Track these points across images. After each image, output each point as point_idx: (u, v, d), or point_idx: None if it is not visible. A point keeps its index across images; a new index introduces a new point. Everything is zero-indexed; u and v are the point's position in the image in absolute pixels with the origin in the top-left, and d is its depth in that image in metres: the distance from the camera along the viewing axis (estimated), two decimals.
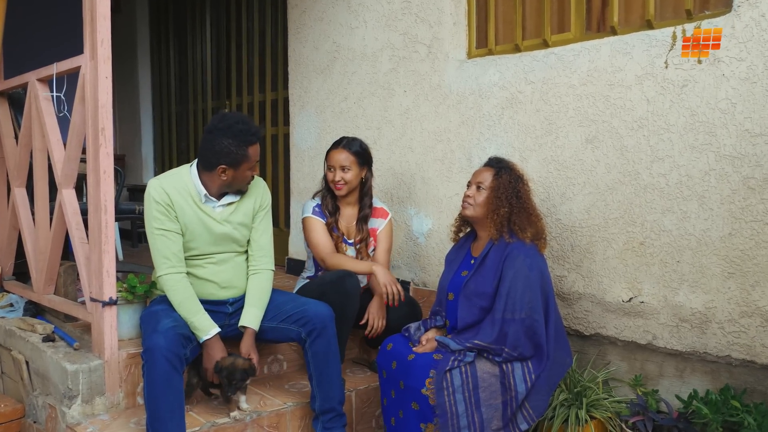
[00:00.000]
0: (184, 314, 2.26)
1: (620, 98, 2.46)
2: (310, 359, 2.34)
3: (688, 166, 2.30)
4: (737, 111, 2.18)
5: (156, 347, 2.10)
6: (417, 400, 2.17)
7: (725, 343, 2.25)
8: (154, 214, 2.28)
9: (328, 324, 2.32)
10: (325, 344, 2.32)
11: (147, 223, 2.31)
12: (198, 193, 2.33)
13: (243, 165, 2.29)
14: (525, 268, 2.21)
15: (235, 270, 2.45)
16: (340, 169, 2.74)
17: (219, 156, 2.26)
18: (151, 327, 2.19)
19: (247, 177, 2.34)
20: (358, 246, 2.82)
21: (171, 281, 2.28)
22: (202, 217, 2.33)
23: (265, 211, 2.50)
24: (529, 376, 2.17)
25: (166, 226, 2.28)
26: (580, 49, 2.57)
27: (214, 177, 2.30)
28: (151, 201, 2.29)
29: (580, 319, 2.64)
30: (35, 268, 2.89)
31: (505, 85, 2.83)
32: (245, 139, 2.26)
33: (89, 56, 2.38)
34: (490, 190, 2.31)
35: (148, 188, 2.31)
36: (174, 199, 2.29)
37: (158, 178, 2.35)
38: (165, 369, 2.08)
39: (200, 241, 2.35)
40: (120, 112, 6.33)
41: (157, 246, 2.29)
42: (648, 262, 2.42)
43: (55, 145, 2.68)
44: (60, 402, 2.37)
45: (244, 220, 2.43)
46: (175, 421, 2.08)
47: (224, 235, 2.39)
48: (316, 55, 3.74)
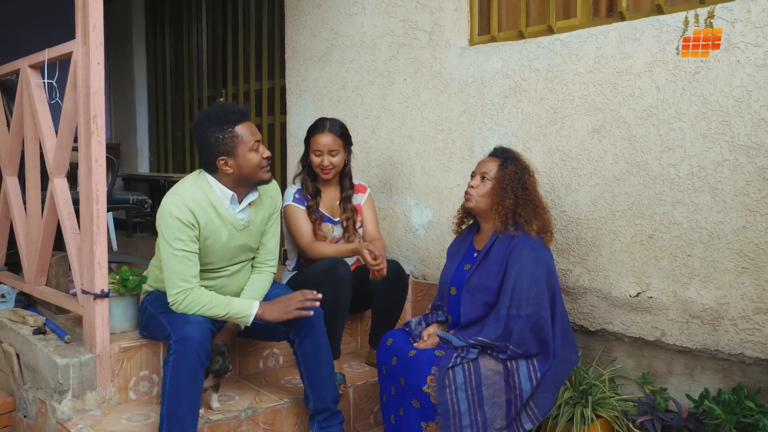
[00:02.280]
0: (218, 313, 2.14)
1: (629, 86, 2.36)
2: (300, 359, 2.26)
3: (700, 157, 2.21)
4: (752, 99, 2.09)
5: (190, 339, 2.02)
6: (418, 397, 2.09)
7: (738, 340, 2.17)
8: (177, 234, 2.10)
9: (316, 322, 2.24)
10: (314, 343, 2.23)
11: (166, 242, 2.12)
12: (219, 198, 2.19)
13: (239, 148, 2.14)
14: (531, 263, 2.12)
15: (245, 278, 2.39)
16: (328, 153, 2.68)
17: (211, 149, 2.15)
18: (180, 317, 2.10)
19: (254, 161, 2.16)
20: (345, 224, 2.79)
21: (189, 298, 2.12)
22: (222, 233, 2.21)
23: (277, 214, 2.43)
24: (535, 374, 2.09)
25: (189, 248, 2.13)
26: (587, 35, 2.48)
27: (222, 175, 2.19)
28: (173, 220, 2.10)
29: (586, 315, 2.56)
30: (27, 259, 2.83)
31: (508, 72, 2.74)
32: (227, 119, 2.14)
33: (81, 41, 2.30)
34: (495, 181, 2.22)
35: (167, 206, 2.13)
36: (199, 217, 2.14)
37: (178, 193, 2.15)
38: (194, 363, 2.01)
39: (217, 257, 2.25)
40: (115, 100, 6.24)
41: (178, 269, 2.11)
42: (657, 256, 2.34)
43: (46, 133, 2.62)
44: (50, 397, 2.31)
45: (261, 228, 2.36)
46: (193, 419, 2.02)
47: (242, 247, 2.31)
48: (314, 43, 3.64)
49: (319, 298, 2.17)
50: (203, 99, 5.11)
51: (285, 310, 2.16)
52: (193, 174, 2.28)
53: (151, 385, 2.43)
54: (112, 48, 6.24)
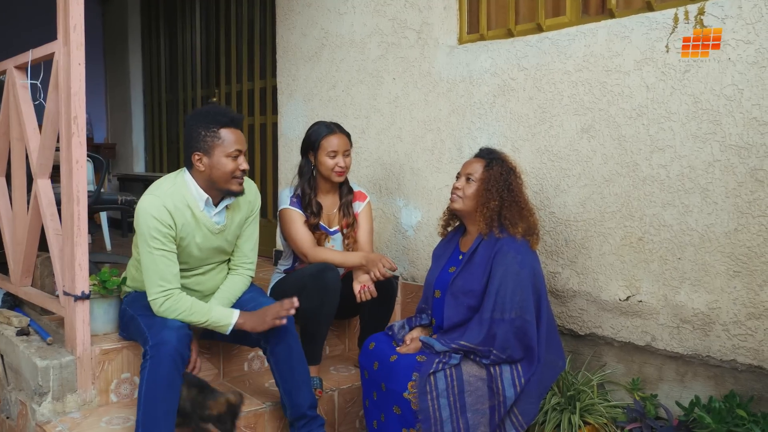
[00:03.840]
0: (198, 320, 2.12)
1: (618, 85, 2.31)
2: (273, 366, 2.22)
3: (691, 157, 2.15)
4: (744, 98, 2.03)
5: (166, 344, 1.99)
6: (399, 404, 2.04)
7: (730, 346, 2.11)
8: (154, 234, 2.08)
9: (288, 328, 2.19)
10: (286, 350, 2.19)
11: (144, 242, 2.10)
12: (195, 199, 2.17)
13: (216, 149, 2.11)
14: (516, 265, 2.07)
15: (220, 277, 2.36)
16: (343, 154, 2.62)
17: (191, 143, 2.14)
18: (159, 321, 2.08)
19: (227, 167, 2.12)
20: (345, 231, 2.70)
21: (170, 301, 2.10)
22: (197, 234, 2.19)
23: (253, 216, 2.38)
24: (519, 379, 2.03)
25: (167, 247, 2.11)
26: (575, 33, 2.43)
27: (196, 172, 2.17)
28: (151, 220, 2.08)
29: (575, 318, 2.50)
30: (13, 259, 2.81)
31: (496, 71, 2.69)
32: (215, 119, 2.13)
33: (62, 42, 2.29)
34: (480, 182, 2.17)
35: (145, 206, 2.10)
36: (176, 218, 2.13)
37: (155, 194, 2.13)
38: (170, 369, 1.98)
39: (192, 257, 2.23)
40: (111, 100, 6.23)
41: (158, 268, 2.09)
42: (647, 259, 2.28)
43: (31, 134, 2.60)
44: (30, 399, 2.28)
45: (238, 232, 2.34)
46: (168, 425, 1.99)
47: (216, 249, 2.28)
48: (304, 42, 3.60)
49: (295, 305, 2.14)
50: (197, 99, 5.08)
51: (262, 320, 2.14)
52: (173, 174, 2.25)
53: (133, 387, 2.39)
54: (108, 48, 6.23)
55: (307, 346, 2.37)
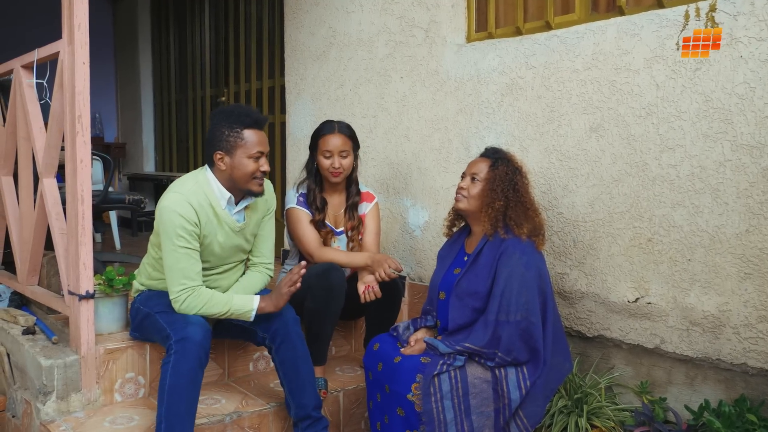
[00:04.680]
0: (219, 310, 2.13)
1: (627, 83, 2.27)
2: (278, 366, 2.22)
3: (701, 157, 2.11)
4: (756, 96, 1.99)
5: (193, 339, 2.00)
6: (402, 405, 2.02)
7: (741, 349, 2.07)
8: (179, 232, 2.08)
9: (291, 328, 2.19)
10: (291, 350, 2.19)
11: (168, 240, 2.09)
12: (217, 198, 2.18)
13: (238, 150, 2.12)
14: (521, 267, 2.04)
15: (236, 277, 2.37)
16: (338, 155, 2.59)
17: (214, 142, 2.16)
18: (180, 318, 2.08)
19: (248, 168, 2.13)
20: (350, 233, 2.68)
21: (191, 297, 2.11)
22: (219, 232, 2.20)
23: (270, 215, 2.38)
24: (524, 382, 2.01)
25: (192, 245, 2.11)
26: (584, 30, 2.39)
27: (217, 171, 2.18)
28: (176, 218, 2.08)
29: (583, 320, 2.47)
30: (20, 258, 2.83)
31: (504, 70, 2.66)
32: (239, 120, 2.14)
33: (67, 41, 2.29)
34: (485, 182, 2.15)
35: (169, 203, 2.10)
36: (200, 215, 2.13)
37: (179, 192, 2.13)
38: (195, 364, 1.99)
39: (213, 256, 2.24)
40: (121, 99, 6.26)
41: (181, 266, 2.09)
42: (656, 260, 2.24)
43: (37, 133, 2.61)
44: (35, 398, 2.28)
45: (255, 231, 2.35)
46: (190, 420, 2.00)
47: (236, 248, 2.29)
48: (313, 41, 3.58)
49: (304, 266, 2.17)
50: (206, 98, 5.09)
51: (279, 295, 2.18)
52: (195, 172, 2.26)
53: (137, 387, 2.39)
54: (118, 48, 6.26)
55: (312, 346, 2.36)
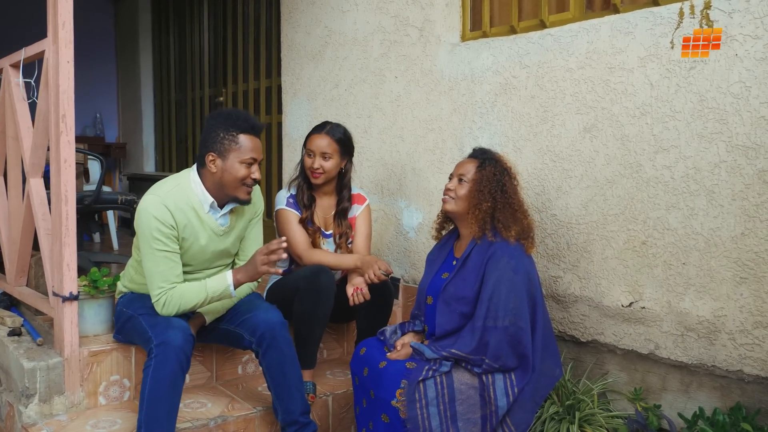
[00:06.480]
0: (198, 299, 2.09)
1: (621, 82, 2.22)
2: (265, 371, 2.18)
3: (696, 158, 2.06)
4: (752, 95, 1.93)
5: (172, 343, 1.96)
6: (387, 412, 1.98)
7: (737, 356, 2.01)
8: (155, 235, 2.05)
9: (278, 333, 2.14)
10: (278, 355, 2.14)
11: (145, 243, 2.07)
12: (200, 202, 2.15)
13: (231, 153, 2.09)
14: (509, 271, 1.99)
15: None
16: (321, 156, 2.55)
17: (208, 143, 2.12)
18: (162, 321, 2.06)
19: (239, 173, 2.10)
20: (338, 240, 2.64)
21: (167, 296, 2.08)
22: (201, 236, 2.16)
23: (257, 218, 2.34)
24: (512, 389, 1.96)
25: (170, 248, 2.08)
26: (578, 29, 2.34)
27: (207, 173, 2.14)
28: (151, 220, 2.05)
29: (577, 324, 2.42)
30: (8, 259, 2.81)
31: (498, 69, 2.61)
32: (236, 124, 2.10)
33: (51, 40, 2.26)
34: (473, 183, 2.10)
35: (145, 206, 2.07)
36: (177, 217, 2.10)
37: (157, 193, 2.10)
38: (175, 369, 1.96)
39: (196, 260, 2.21)
40: (122, 99, 6.25)
41: (160, 269, 2.07)
42: (650, 264, 2.19)
43: (24, 133, 2.58)
44: (18, 400, 2.26)
45: (241, 234, 2.31)
46: (170, 425, 1.97)
47: (221, 252, 2.26)
48: (308, 41, 3.55)
49: (283, 242, 2.05)
50: (205, 98, 5.07)
51: (254, 267, 2.09)
52: (177, 174, 2.23)
53: (122, 390, 2.36)
54: (119, 48, 6.26)
55: (300, 350, 2.32)
